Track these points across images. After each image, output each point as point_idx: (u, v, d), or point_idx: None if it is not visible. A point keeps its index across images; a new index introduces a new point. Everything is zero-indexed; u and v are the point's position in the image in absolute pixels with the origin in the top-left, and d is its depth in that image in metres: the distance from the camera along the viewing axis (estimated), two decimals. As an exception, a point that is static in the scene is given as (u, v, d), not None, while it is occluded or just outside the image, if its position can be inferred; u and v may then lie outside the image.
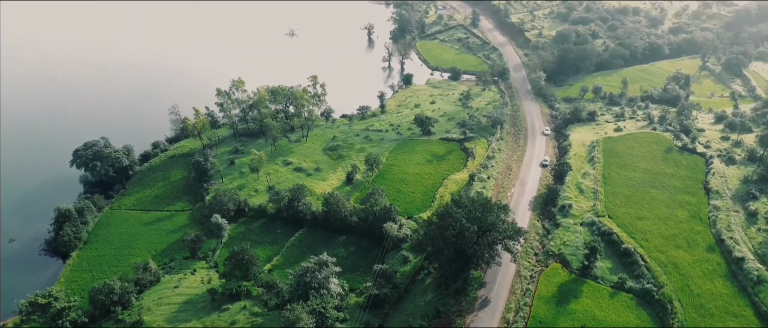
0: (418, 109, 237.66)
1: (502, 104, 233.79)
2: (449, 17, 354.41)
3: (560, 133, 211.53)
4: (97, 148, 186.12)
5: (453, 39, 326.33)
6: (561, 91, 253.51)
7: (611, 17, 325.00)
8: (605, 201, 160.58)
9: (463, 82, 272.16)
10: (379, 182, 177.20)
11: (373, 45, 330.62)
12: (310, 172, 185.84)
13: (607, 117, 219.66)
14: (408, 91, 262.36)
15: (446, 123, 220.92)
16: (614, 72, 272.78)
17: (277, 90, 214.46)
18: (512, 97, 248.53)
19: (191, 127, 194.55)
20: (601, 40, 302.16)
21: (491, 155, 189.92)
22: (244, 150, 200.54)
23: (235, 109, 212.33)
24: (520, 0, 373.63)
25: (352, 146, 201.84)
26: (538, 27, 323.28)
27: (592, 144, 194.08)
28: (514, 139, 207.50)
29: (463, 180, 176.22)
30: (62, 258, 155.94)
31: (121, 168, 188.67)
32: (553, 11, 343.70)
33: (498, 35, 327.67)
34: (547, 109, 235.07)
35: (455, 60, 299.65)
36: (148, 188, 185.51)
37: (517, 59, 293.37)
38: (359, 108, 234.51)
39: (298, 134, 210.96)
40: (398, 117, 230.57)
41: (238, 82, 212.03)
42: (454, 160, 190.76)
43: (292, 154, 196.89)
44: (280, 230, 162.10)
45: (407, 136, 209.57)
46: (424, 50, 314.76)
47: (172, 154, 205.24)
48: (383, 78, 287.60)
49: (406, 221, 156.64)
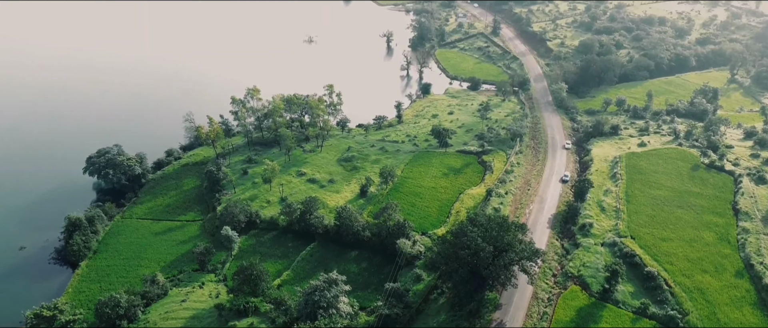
0: (435, 119, 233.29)
1: (522, 116, 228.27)
2: (470, 25, 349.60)
3: (581, 148, 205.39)
4: (110, 155, 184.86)
5: (473, 48, 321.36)
6: (583, 103, 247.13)
7: (636, 27, 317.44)
8: (628, 221, 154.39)
9: (483, 92, 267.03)
10: (394, 196, 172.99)
11: (392, 53, 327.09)
12: (323, 183, 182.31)
13: (630, 131, 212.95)
14: (426, 100, 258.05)
15: (464, 135, 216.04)
16: (638, 84, 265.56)
17: (292, 99, 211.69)
18: (533, 108, 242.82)
19: (205, 135, 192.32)
20: (626, 50, 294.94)
21: (510, 169, 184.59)
22: (258, 160, 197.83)
23: (249, 117, 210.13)
24: (542, 8, 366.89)
25: (367, 158, 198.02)
26: (560, 36, 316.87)
27: (614, 160, 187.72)
28: (533, 152, 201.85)
29: (479, 195, 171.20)
30: (72, 267, 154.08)
31: (134, 176, 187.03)
32: (576, 20, 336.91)
33: (519, 44, 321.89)
34: (569, 122, 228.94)
35: (475, 69, 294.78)
36: (160, 197, 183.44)
37: (539, 69, 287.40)
38: (375, 118, 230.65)
39: (312, 144, 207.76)
40: (415, 128, 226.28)
41: (253, 90, 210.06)
42: (471, 173, 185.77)
43: (306, 164, 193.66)
44: (292, 243, 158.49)
45: (424, 148, 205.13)
46: (443, 59, 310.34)
47: (186, 163, 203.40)
48: (401, 87, 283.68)
49: (420, 238, 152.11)
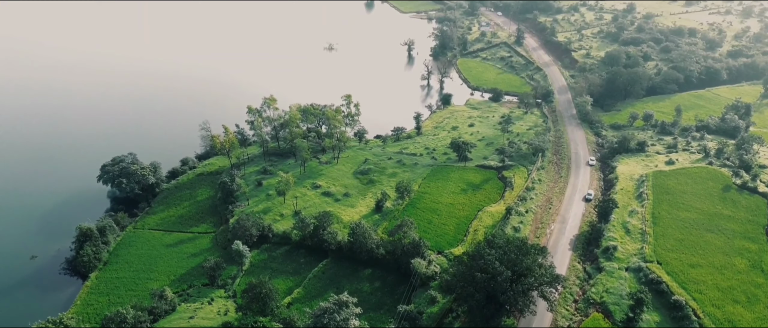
0: (455, 131, 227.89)
1: (544, 130, 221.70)
2: (492, 34, 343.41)
3: (606, 164, 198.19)
4: (124, 164, 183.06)
5: (495, 57, 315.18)
6: (608, 117, 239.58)
7: (665, 38, 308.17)
8: (654, 244, 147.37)
9: (505, 103, 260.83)
10: (410, 212, 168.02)
11: (413, 62, 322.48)
12: (338, 197, 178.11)
13: (658, 148, 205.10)
14: (446, 111, 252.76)
15: (484, 148, 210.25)
16: (667, 98, 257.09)
17: (308, 109, 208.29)
18: (556, 121, 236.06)
19: (219, 145, 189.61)
20: (654, 62, 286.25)
21: (531, 186, 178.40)
22: (273, 171, 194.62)
23: (265, 127, 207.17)
24: (567, 18, 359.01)
25: (383, 171, 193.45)
26: (585, 47, 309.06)
27: (640, 178, 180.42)
28: (556, 168, 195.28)
29: (499, 213, 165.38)
30: (82, 278, 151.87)
31: (147, 185, 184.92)
32: (602, 31, 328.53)
33: (543, 55, 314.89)
34: (593, 137, 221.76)
35: (497, 80, 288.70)
36: (174, 207, 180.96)
37: (563, 81, 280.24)
38: (394, 129, 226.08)
39: (328, 156, 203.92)
40: (434, 140, 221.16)
41: (270, 99, 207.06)
42: (491, 190, 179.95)
43: (321, 176, 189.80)
44: (304, 259, 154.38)
45: (442, 162, 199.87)
46: (464, 68, 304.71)
47: (201, 172, 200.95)
48: (421, 97, 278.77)
49: (436, 257, 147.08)
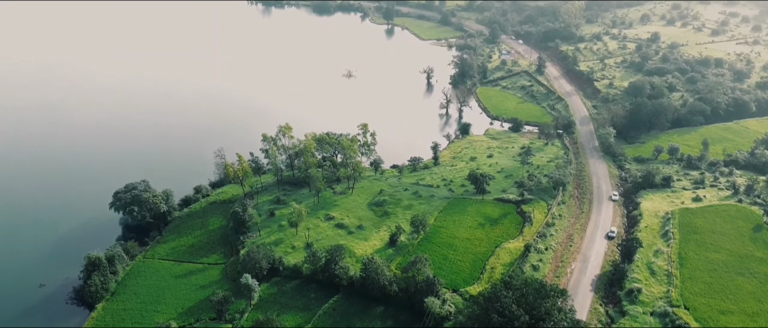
0: (473, 162, 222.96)
1: (565, 162, 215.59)
2: (513, 63, 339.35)
3: (630, 200, 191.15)
4: (136, 191, 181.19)
5: (516, 86, 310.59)
6: (632, 150, 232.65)
7: (690, 69, 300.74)
8: (681, 287, 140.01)
9: (525, 134, 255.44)
10: (425, 246, 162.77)
11: (432, 89, 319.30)
12: (352, 229, 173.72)
13: (684, 183, 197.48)
14: (464, 141, 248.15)
15: (503, 181, 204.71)
16: (693, 130, 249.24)
17: (324, 138, 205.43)
18: (577, 153, 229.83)
19: (233, 174, 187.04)
20: (679, 93, 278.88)
21: (551, 222, 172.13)
22: (286, 200, 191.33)
23: (280, 155, 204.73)
24: (590, 46, 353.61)
25: (399, 202, 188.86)
26: (608, 76, 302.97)
27: (666, 215, 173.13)
28: (577, 203, 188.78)
29: (517, 250, 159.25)
30: (89, 308, 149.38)
31: (159, 214, 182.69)
32: (625, 60, 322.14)
33: (564, 84, 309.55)
34: (616, 170, 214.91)
35: (517, 109, 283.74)
36: (185, 236, 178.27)
37: (585, 111, 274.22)
38: (411, 159, 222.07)
39: (343, 186, 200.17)
40: (452, 171, 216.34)
41: (285, 128, 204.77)
42: (509, 225, 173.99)
43: (335, 207, 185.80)
44: (315, 294, 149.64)
45: (460, 194, 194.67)
46: (484, 97, 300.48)
47: (214, 200, 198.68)
48: (439, 125, 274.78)
49: (451, 295, 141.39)
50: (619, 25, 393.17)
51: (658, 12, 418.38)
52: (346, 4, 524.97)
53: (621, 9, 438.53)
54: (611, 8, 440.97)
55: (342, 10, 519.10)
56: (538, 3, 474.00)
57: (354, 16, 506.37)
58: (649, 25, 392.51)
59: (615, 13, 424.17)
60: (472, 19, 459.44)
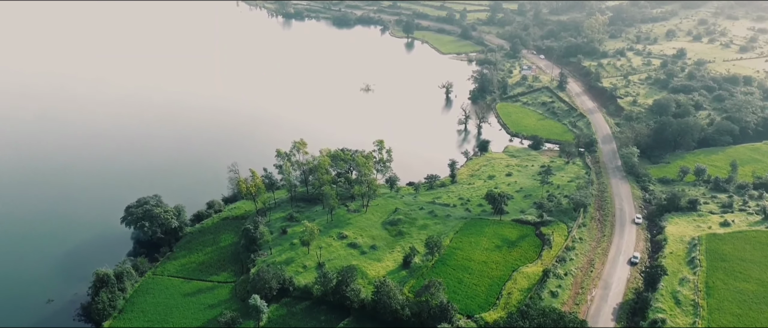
0: (492, 181, 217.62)
1: (587, 182, 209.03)
2: (534, 78, 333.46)
3: (654, 223, 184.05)
4: (148, 206, 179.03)
5: (537, 102, 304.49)
6: (656, 170, 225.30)
7: (718, 86, 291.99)
8: (708, 319, 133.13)
9: (545, 152, 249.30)
10: (440, 269, 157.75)
11: (451, 105, 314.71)
12: (365, 249, 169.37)
13: (711, 207, 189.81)
14: (483, 159, 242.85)
15: (522, 201, 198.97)
16: (720, 150, 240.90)
17: (338, 155, 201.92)
18: (599, 173, 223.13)
19: (245, 190, 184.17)
20: (706, 111, 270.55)
21: (571, 246, 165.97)
22: (299, 218, 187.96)
23: (294, 171, 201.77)
24: (613, 62, 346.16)
25: (414, 222, 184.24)
26: (632, 94, 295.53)
27: (692, 241, 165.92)
28: (598, 226, 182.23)
29: (535, 274, 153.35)
30: (96, 326, 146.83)
31: (170, 229, 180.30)
32: (650, 77, 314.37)
33: (587, 100, 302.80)
34: (639, 192, 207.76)
35: (537, 126, 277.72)
36: (195, 253, 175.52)
37: (607, 129, 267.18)
38: (427, 177, 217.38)
39: (357, 203, 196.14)
40: (469, 189, 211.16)
41: (300, 143, 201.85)
42: (527, 247, 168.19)
43: (348, 226, 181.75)
44: (325, 316, 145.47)
45: (476, 214, 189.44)
46: (504, 113, 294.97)
47: (226, 216, 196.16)
48: (457, 142, 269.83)
49: (465, 321, 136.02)
50: (643, 40, 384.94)
51: (684, 28, 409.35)
52: (366, 17, 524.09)
53: (646, 24, 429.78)
54: (635, 23, 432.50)
55: (362, 23, 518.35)
56: (560, 18, 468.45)
57: (374, 29, 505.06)
58: (675, 40, 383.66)
59: (639, 29, 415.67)
60: (492, 33, 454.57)
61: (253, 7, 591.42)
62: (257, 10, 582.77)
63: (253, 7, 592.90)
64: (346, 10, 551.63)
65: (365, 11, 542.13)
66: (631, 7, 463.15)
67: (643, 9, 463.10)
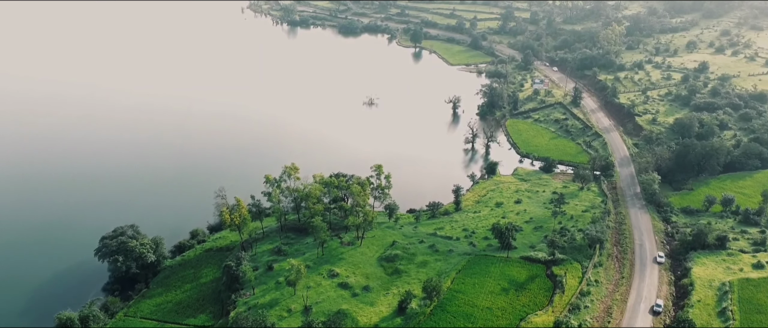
0: (499, 209, 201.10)
1: (603, 213, 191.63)
2: (547, 93, 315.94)
3: (678, 262, 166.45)
4: (123, 238, 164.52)
5: (549, 119, 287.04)
6: (678, 198, 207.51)
7: (744, 104, 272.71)
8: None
9: (557, 175, 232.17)
10: (439, 316, 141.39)
11: (458, 120, 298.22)
12: (357, 290, 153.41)
13: (741, 244, 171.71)
14: (490, 182, 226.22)
15: (532, 233, 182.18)
16: (748, 175, 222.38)
17: (332, 182, 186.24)
18: (616, 201, 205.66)
19: (229, 221, 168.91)
20: (731, 132, 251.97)
21: (585, 290, 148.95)
22: (288, 251, 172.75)
23: (285, 198, 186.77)
24: (631, 76, 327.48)
25: (412, 258, 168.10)
26: (651, 111, 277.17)
27: (722, 287, 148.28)
28: (616, 265, 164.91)
29: (546, 325, 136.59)
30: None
31: (147, 264, 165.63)
32: (670, 92, 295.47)
33: (602, 118, 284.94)
34: (661, 224, 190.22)
35: (549, 146, 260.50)
36: (173, 290, 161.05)
37: (625, 150, 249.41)
38: (429, 204, 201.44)
39: (352, 235, 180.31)
40: (474, 219, 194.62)
41: (291, 168, 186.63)
42: (537, 291, 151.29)
43: (340, 262, 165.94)
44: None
45: (482, 249, 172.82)
46: (514, 131, 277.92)
47: (210, 246, 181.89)
48: (463, 162, 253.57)
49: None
50: (662, 52, 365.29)
51: (706, 39, 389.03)
52: (372, 25, 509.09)
53: (665, 35, 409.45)
54: (654, 34, 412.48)
55: (369, 31, 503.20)
56: (574, 27, 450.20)
57: (381, 37, 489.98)
58: (696, 53, 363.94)
59: (658, 40, 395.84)
60: (504, 43, 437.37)
61: (258, 15, 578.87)
62: (263, 17, 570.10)
63: (259, 14, 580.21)
64: (352, 17, 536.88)
65: (372, 19, 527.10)
66: (650, 17, 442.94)
67: (661, 18, 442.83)
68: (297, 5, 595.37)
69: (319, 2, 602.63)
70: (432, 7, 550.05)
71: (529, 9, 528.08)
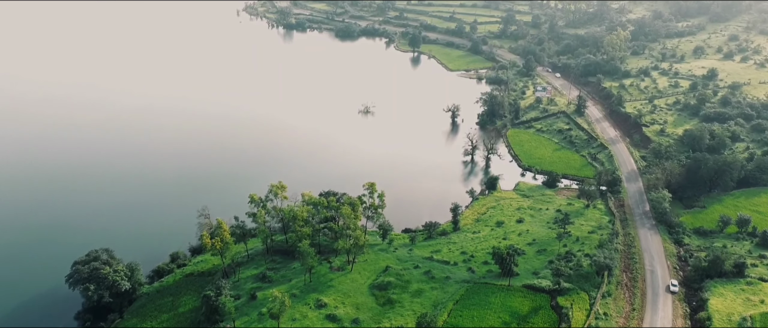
0: (500, 229, 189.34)
1: (611, 234, 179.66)
2: (549, 101, 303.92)
3: (693, 292, 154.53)
4: (96, 264, 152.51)
5: (552, 129, 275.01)
6: (690, 217, 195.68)
7: (756, 114, 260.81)
8: None
9: (561, 191, 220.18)
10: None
11: (457, 130, 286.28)
12: (345, 324, 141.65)
13: (761, 271, 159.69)
14: (491, 198, 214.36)
15: (535, 257, 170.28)
16: (763, 191, 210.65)
17: (321, 202, 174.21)
18: (624, 220, 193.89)
19: (210, 246, 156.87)
20: (743, 144, 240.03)
21: (594, 325, 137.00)
22: (274, 277, 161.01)
23: (271, 219, 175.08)
24: (637, 83, 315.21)
25: (407, 286, 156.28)
26: (659, 121, 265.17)
27: (743, 322, 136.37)
28: (626, 295, 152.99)
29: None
30: None
31: (120, 292, 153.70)
32: (678, 101, 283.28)
33: (608, 128, 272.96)
34: (673, 246, 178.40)
35: (553, 158, 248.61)
36: (149, 320, 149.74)
37: (632, 163, 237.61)
38: (425, 225, 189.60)
39: (342, 258, 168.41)
40: (474, 240, 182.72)
41: (277, 187, 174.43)
42: (541, 325, 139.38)
43: (329, 290, 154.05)
44: None
45: (481, 276, 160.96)
46: (515, 142, 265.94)
47: (191, 271, 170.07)
48: (462, 175, 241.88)
49: None
50: (669, 58, 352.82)
51: (714, 44, 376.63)
52: (370, 28, 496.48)
53: (671, 40, 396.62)
54: (660, 38, 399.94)
55: (366, 35, 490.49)
56: (577, 31, 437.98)
57: (378, 42, 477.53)
58: (704, 59, 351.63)
59: (664, 45, 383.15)
60: (504, 47, 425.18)
61: (254, 18, 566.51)
62: (258, 20, 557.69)
63: (255, 17, 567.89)
64: (349, 21, 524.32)
65: (370, 22, 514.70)
66: (655, 21, 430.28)
67: (667, 22, 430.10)
68: (293, 7, 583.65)
69: (316, 4, 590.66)
70: (431, 10, 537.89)
71: (530, 12, 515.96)
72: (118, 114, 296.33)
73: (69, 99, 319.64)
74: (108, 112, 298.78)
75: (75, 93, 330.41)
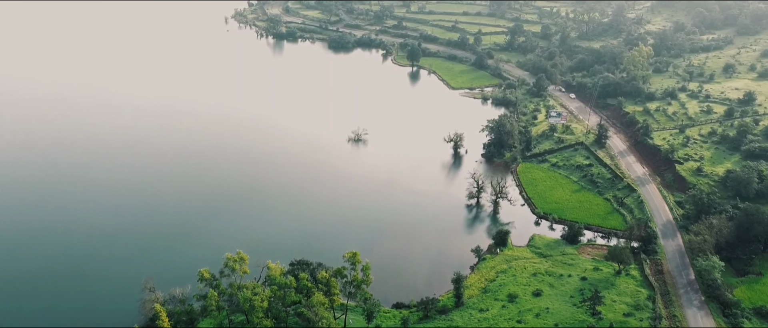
0: (513, 305, 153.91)
1: (652, 319, 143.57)
2: (564, 128, 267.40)
3: None
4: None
5: (570, 165, 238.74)
6: (746, 289, 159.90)
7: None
8: None
9: (584, 248, 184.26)
10: None
11: (460, 164, 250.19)
12: None
13: None
14: (500, 258, 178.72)
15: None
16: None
17: (289, 283, 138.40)
18: (666, 294, 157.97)
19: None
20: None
21: None
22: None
23: (226, 303, 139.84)
24: (663, 108, 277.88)
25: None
26: (694, 157, 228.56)
27: None
28: None
29: None
30: None
31: None
32: (714, 131, 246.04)
33: (634, 163, 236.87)
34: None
35: (572, 201, 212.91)
36: None
37: (666, 211, 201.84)
38: (421, 301, 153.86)
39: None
40: (481, 322, 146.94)
41: (236, 259, 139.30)
42: None
43: None
44: None
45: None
46: (527, 180, 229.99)
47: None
48: (465, 223, 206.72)
49: None
50: (696, 77, 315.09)
51: (745, 60, 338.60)
52: (366, 39, 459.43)
53: (696, 55, 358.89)
54: (684, 53, 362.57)
55: (362, 46, 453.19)
56: (591, 44, 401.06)
57: (375, 54, 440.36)
58: (736, 78, 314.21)
59: (689, 61, 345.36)
60: (512, 62, 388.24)
61: (243, 26, 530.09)
62: (247, 28, 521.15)
63: (243, 25, 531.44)
64: (344, 30, 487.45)
65: (366, 31, 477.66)
66: (676, 33, 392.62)
67: (691, 35, 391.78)
68: (285, 14, 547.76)
69: (310, 12, 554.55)
70: (432, 19, 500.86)
71: (539, 21, 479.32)
72: (72, 143, 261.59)
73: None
74: (60, 143, 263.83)
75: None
